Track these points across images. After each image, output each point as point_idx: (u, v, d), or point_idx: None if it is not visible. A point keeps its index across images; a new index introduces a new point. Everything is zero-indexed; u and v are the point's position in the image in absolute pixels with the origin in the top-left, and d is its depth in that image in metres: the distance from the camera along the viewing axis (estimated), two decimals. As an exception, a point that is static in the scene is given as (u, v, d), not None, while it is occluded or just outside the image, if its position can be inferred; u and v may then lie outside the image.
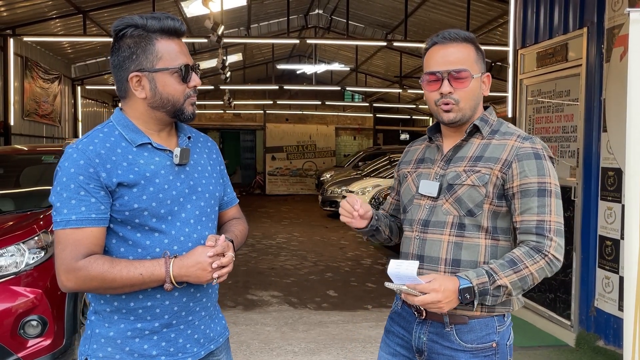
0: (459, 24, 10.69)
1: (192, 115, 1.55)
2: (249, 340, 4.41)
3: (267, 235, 10.07)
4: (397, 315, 1.81)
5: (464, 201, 1.63)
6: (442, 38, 1.68)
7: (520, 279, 1.54)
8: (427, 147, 1.83)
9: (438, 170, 1.72)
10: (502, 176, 1.62)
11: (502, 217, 1.65)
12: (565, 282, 4.55)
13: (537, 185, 1.59)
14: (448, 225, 1.65)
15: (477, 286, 1.51)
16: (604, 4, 4.15)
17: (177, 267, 1.43)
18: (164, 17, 1.50)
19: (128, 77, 1.49)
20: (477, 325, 1.64)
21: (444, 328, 1.65)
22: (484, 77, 1.70)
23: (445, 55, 1.66)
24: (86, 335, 1.54)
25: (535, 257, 1.55)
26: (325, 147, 20.39)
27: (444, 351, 1.65)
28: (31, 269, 3.33)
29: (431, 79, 1.67)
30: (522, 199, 1.60)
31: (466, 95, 1.65)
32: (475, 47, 1.69)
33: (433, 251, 1.66)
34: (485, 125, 1.70)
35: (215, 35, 8.14)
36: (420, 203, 1.73)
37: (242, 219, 1.79)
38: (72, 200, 1.41)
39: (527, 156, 1.61)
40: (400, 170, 1.89)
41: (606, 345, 4.09)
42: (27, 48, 10.48)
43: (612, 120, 4.02)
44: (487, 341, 1.64)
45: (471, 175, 1.63)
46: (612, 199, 4.03)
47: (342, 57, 16.86)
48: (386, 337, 1.84)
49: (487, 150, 1.66)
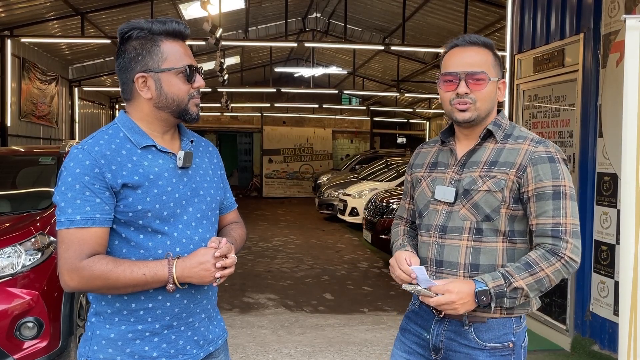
0: (456, 28, 10.73)
1: (196, 116, 1.57)
2: (245, 343, 4.40)
3: (264, 238, 10.07)
4: (415, 314, 1.82)
5: (481, 207, 1.65)
6: (462, 41, 1.71)
7: (537, 281, 1.57)
8: (440, 151, 1.82)
9: (453, 175, 1.72)
10: (518, 180, 1.64)
11: (519, 220, 1.68)
12: (560, 286, 4.57)
13: (552, 189, 1.61)
14: (466, 230, 1.67)
15: (493, 289, 1.55)
16: (600, 10, 4.18)
17: (179, 268, 1.44)
18: (169, 21, 1.52)
19: (134, 78, 1.50)
20: (495, 324, 1.66)
21: (462, 326, 1.67)
22: (500, 83, 1.73)
23: (464, 57, 1.68)
24: (86, 336, 1.55)
25: (550, 260, 1.58)
26: (323, 150, 20.40)
27: (462, 349, 1.68)
28: (28, 270, 3.33)
29: (448, 80, 1.69)
30: (537, 202, 1.63)
31: (482, 96, 1.67)
32: (494, 53, 1.72)
33: (452, 256, 1.68)
34: (499, 129, 1.72)
35: (213, 38, 8.16)
36: (436, 208, 1.73)
37: (241, 223, 1.81)
38: (77, 200, 1.41)
39: (542, 160, 1.63)
40: (413, 174, 1.88)
41: (601, 349, 4.10)
42: (24, 49, 10.46)
43: (608, 126, 4.04)
44: (504, 341, 1.67)
45: (487, 181, 1.65)
46: (608, 204, 4.05)
47: (340, 60, 16.90)
48: (402, 335, 1.85)
49: (501, 154, 1.68)
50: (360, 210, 10.58)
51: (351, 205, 11.05)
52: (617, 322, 2.67)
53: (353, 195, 11.18)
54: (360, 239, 9.90)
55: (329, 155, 20.48)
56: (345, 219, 11.25)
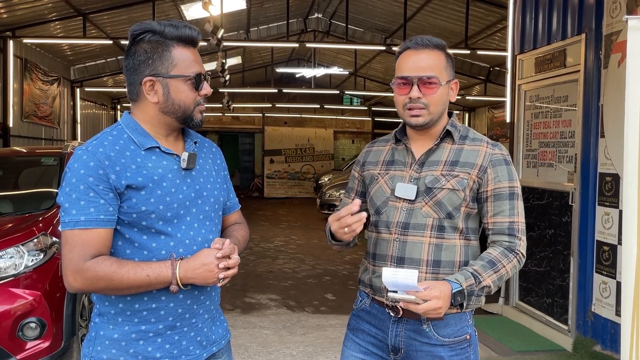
0: (457, 28, 10.74)
1: (200, 123, 1.57)
2: (246, 343, 4.41)
3: (265, 238, 10.08)
4: (366, 313, 1.81)
5: (444, 204, 1.69)
6: (414, 44, 1.72)
7: (499, 277, 1.65)
8: (394, 149, 1.83)
9: (412, 174, 1.74)
10: (478, 180, 1.71)
11: (473, 219, 1.75)
12: (562, 286, 4.57)
13: (508, 189, 1.71)
14: (428, 227, 1.70)
15: (466, 288, 1.59)
16: (602, 10, 4.18)
17: (183, 269, 1.45)
18: (182, 26, 1.52)
19: (142, 81, 1.50)
20: (452, 320, 1.71)
21: (420, 325, 1.70)
22: (452, 84, 1.76)
23: (416, 61, 1.70)
24: (90, 337, 1.55)
25: (509, 257, 1.68)
26: (324, 150, 20.40)
27: (423, 347, 1.70)
28: (30, 271, 3.33)
29: (401, 83, 1.71)
30: (494, 202, 1.71)
31: (434, 100, 1.70)
32: (446, 55, 1.74)
33: (414, 253, 1.70)
34: (455, 130, 1.77)
35: (215, 39, 8.16)
36: (396, 205, 1.75)
37: (244, 224, 1.81)
38: (81, 201, 1.42)
39: (499, 162, 1.73)
40: (366, 171, 1.87)
41: (603, 350, 4.10)
42: (26, 50, 10.49)
43: (610, 126, 4.04)
44: (462, 334, 1.72)
45: (450, 180, 1.69)
46: (610, 204, 4.05)
47: (341, 60, 16.90)
48: (354, 335, 1.83)
49: (461, 155, 1.73)
50: (361, 211, 10.56)
51: (352, 205, 11.04)
52: (619, 322, 2.67)
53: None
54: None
55: (330, 155, 20.47)
56: (346, 219, 11.23)
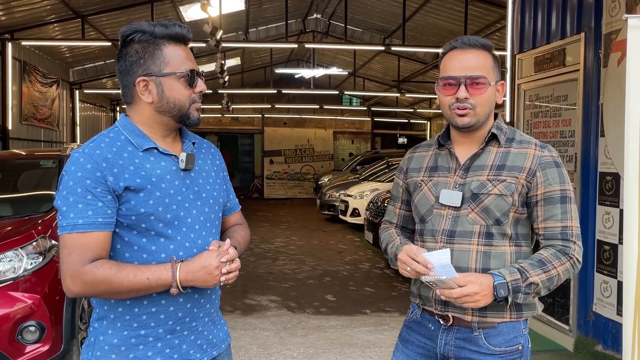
0: (456, 28, 10.73)
1: (197, 121, 1.56)
2: (247, 345, 4.40)
3: (266, 240, 10.07)
4: (417, 324, 1.78)
5: (491, 210, 1.64)
6: (461, 43, 1.68)
7: (549, 278, 1.60)
8: (437, 155, 1.79)
9: (457, 179, 1.70)
10: (527, 184, 1.65)
11: (522, 224, 1.69)
12: (563, 286, 4.56)
13: (559, 193, 1.65)
14: (475, 234, 1.66)
15: (510, 282, 1.55)
16: (601, 9, 4.17)
17: (183, 271, 1.43)
18: (171, 24, 1.51)
19: (135, 82, 1.49)
20: (505, 328, 1.66)
21: (471, 333, 1.66)
22: (499, 85, 1.71)
23: (463, 60, 1.66)
24: (89, 342, 1.54)
25: (562, 259, 1.62)
26: (324, 151, 20.40)
27: (472, 356, 1.66)
28: (29, 274, 3.33)
29: (447, 83, 1.67)
30: (545, 206, 1.65)
31: (482, 101, 1.65)
32: (492, 55, 1.70)
33: (462, 261, 1.66)
34: (501, 133, 1.71)
35: (213, 40, 8.15)
36: (441, 213, 1.70)
37: (245, 225, 1.79)
38: (79, 205, 1.40)
39: (549, 164, 1.66)
40: (409, 178, 1.83)
41: (605, 350, 4.09)
42: (25, 52, 10.47)
43: (610, 125, 4.03)
44: (514, 344, 1.67)
45: (497, 185, 1.64)
46: (610, 203, 4.04)
47: (340, 61, 16.90)
48: (404, 346, 1.80)
49: (507, 158, 1.67)
50: (361, 211, 10.57)
51: (352, 206, 11.05)
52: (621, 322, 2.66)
53: (354, 196, 11.17)
54: (361, 239, 9.89)
55: (330, 156, 20.47)
56: (346, 219, 11.24)
